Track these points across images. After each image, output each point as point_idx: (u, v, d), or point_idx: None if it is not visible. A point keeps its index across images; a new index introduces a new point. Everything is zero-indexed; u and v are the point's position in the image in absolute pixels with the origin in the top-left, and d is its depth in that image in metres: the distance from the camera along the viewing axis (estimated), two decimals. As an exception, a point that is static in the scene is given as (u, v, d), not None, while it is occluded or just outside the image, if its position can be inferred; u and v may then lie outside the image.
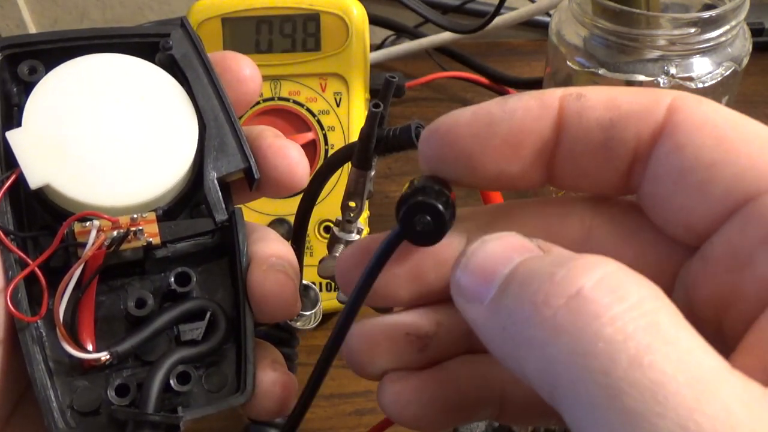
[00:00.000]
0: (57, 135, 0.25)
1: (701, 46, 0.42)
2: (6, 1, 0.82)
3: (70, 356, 0.24)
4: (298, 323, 0.39)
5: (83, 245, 0.24)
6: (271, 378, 0.26)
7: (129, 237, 0.24)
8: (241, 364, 0.25)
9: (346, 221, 0.33)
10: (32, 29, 0.84)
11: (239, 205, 0.27)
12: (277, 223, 0.49)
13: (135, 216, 0.24)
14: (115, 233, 0.24)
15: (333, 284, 0.50)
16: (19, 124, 0.25)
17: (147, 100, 0.26)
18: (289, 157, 0.27)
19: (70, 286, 0.23)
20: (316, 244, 0.49)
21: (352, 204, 0.32)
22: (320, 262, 0.34)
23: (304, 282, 0.39)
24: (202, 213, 0.26)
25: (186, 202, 0.26)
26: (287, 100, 0.48)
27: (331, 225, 0.35)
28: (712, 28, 0.41)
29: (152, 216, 0.25)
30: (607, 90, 0.20)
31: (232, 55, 0.27)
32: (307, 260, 0.37)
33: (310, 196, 0.33)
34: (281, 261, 0.26)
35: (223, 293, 0.26)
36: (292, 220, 0.35)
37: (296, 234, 0.35)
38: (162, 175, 0.25)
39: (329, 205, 0.47)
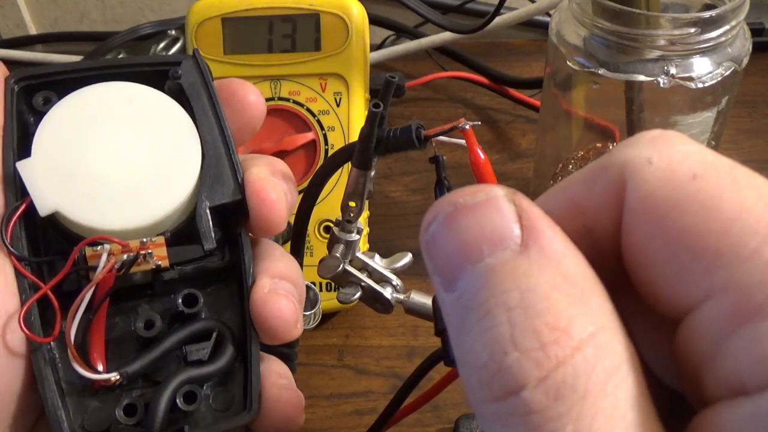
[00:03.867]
0: (65, 162, 0.25)
1: (701, 46, 0.42)
2: (6, 1, 0.82)
3: (81, 377, 0.24)
4: (298, 323, 0.39)
5: (94, 268, 0.24)
6: (277, 395, 0.26)
7: (138, 260, 0.25)
8: (248, 383, 0.26)
9: (346, 221, 0.33)
10: (32, 29, 0.85)
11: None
12: (277, 223, 0.49)
13: (144, 240, 0.25)
14: (125, 257, 0.25)
15: (333, 284, 0.50)
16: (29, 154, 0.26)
17: (153, 126, 0.26)
18: (268, 199, 0.27)
19: (82, 308, 0.24)
20: (316, 244, 0.49)
21: (352, 204, 0.32)
22: (320, 262, 0.34)
23: (304, 282, 0.39)
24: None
25: (193, 226, 0.27)
26: (287, 100, 0.48)
27: (331, 225, 0.35)
28: (712, 28, 0.41)
29: (161, 240, 0.25)
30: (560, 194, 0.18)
31: (239, 82, 0.28)
32: (307, 260, 0.37)
33: (310, 196, 0.33)
34: (284, 283, 0.27)
35: (230, 314, 0.27)
36: (292, 220, 0.35)
37: (296, 234, 0.35)
38: (165, 199, 0.26)
39: (329, 205, 0.47)
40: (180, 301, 0.26)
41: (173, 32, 0.66)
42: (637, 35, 0.42)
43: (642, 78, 0.42)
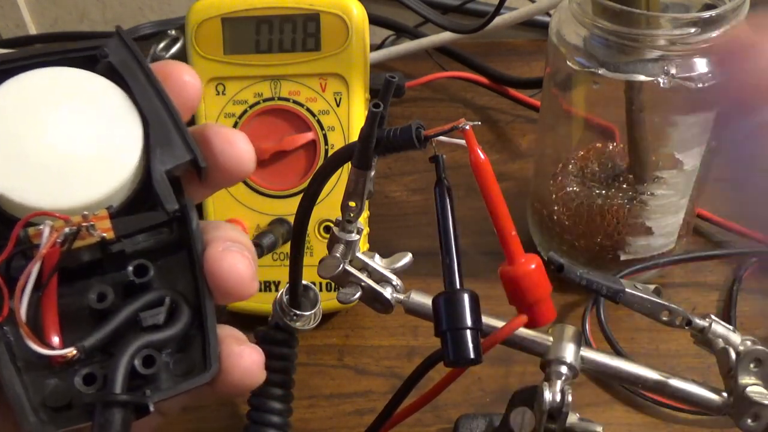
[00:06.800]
0: (4, 148, 0.25)
1: (701, 46, 0.42)
2: (6, 1, 0.82)
3: (39, 355, 0.24)
4: (297, 323, 0.39)
5: (39, 247, 0.24)
6: (236, 352, 0.26)
7: (82, 233, 0.25)
8: (206, 345, 0.26)
9: (346, 221, 0.33)
10: (32, 29, 0.85)
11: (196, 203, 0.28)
12: (277, 223, 0.49)
13: (86, 213, 0.25)
14: (67, 230, 0.25)
15: (333, 284, 0.50)
16: None
17: (89, 104, 0.26)
18: (235, 143, 0.27)
19: (29, 284, 0.24)
20: (316, 244, 0.49)
21: (352, 204, 0.32)
22: (320, 262, 0.34)
23: (304, 282, 0.39)
24: (156, 210, 0.27)
25: (140, 202, 0.27)
26: (287, 100, 0.48)
27: (331, 225, 0.35)
28: (712, 28, 0.41)
29: (104, 212, 0.25)
30: None
31: (173, 63, 0.28)
32: (307, 260, 0.37)
33: (310, 196, 0.33)
34: (237, 243, 0.27)
35: (183, 284, 0.27)
36: (292, 220, 0.35)
37: (296, 234, 0.35)
38: (109, 173, 0.26)
39: (329, 205, 0.47)
40: (130, 269, 0.26)
41: (173, 32, 0.66)
42: (637, 35, 0.42)
43: (642, 78, 0.42)
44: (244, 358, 0.26)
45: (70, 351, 0.24)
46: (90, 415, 0.24)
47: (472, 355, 0.27)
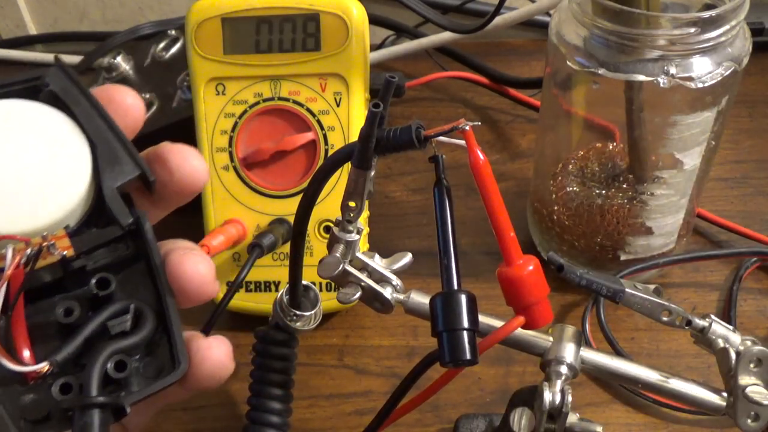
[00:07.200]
0: None
1: (701, 46, 0.42)
2: (6, 1, 0.82)
3: (14, 372, 0.25)
4: (298, 324, 0.39)
5: (2, 270, 0.25)
6: (204, 345, 0.27)
7: (43, 253, 0.26)
8: (172, 345, 0.27)
9: (346, 221, 0.33)
10: (32, 29, 0.85)
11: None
12: (277, 223, 0.49)
13: (45, 234, 0.26)
14: (29, 251, 0.26)
15: (333, 284, 0.50)
16: None
17: (37, 133, 0.27)
18: (189, 158, 0.28)
19: None
20: (316, 244, 0.49)
21: (352, 204, 0.32)
22: (320, 262, 0.34)
23: (304, 282, 0.39)
24: (112, 226, 0.28)
25: (96, 219, 0.28)
26: (287, 100, 0.48)
27: (331, 225, 0.35)
28: (712, 28, 0.41)
29: (62, 232, 0.26)
30: None
31: (115, 87, 0.29)
32: (307, 260, 0.37)
33: (310, 196, 0.33)
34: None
35: (145, 292, 0.28)
36: (292, 220, 0.35)
37: (296, 234, 0.35)
38: (63, 195, 0.27)
39: (329, 205, 0.47)
40: (93, 282, 0.27)
41: (173, 32, 0.66)
42: (637, 35, 0.42)
43: (642, 78, 0.42)
44: (213, 350, 0.27)
45: (44, 366, 0.25)
46: (69, 421, 0.25)
47: (467, 356, 0.27)
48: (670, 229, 0.50)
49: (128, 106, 0.29)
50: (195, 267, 0.27)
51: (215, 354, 0.27)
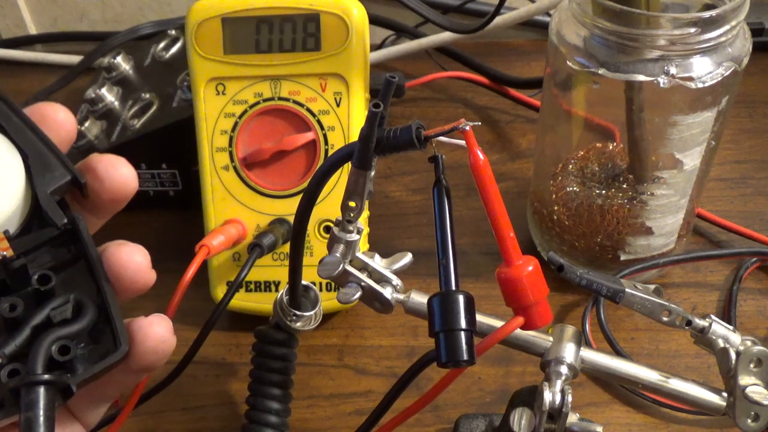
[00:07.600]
0: None
1: (701, 46, 0.42)
2: (6, 1, 0.82)
3: None
4: (298, 324, 0.39)
5: None
6: (145, 323, 0.28)
7: None
8: (113, 328, 0.28)
9: (346, 221, 0.33)
10: (32, 29, 0.85)
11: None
12: (277, 223, 0.49)
13: None
14: None
15: (333, 284, 0.50)
16: None
17: None
18: (117, 166, 0.29)
19: None
20: (316, 244, 0.49)
21: (352, 204, 0.32)
22: (320, 262, 0.34)
23: (304, 282, 0.39)
24: (48, 227, 0.30)
25: (35, 224, 0.29)
26: (287, 100, 0.48)
27: (331, 225, 0.35)
28: (712, 28, 0.41)
29: (1, 236, 0.28)
30: None
31: (46, 105, 0.30)
32: (307, 260, 0.37)
33: (310, 196, 0.33)
34: (133, 243, 0.29)
35: (86, 287, 0.29)
36: (292, 220, 0.35)
37: (296, 234, 0.35)
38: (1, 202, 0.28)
39: (329, 205, 0.47)
40: (35, 279, 0.28)
41: (173, 32, 0.66)
42: (637, 35, 0.42)
43: (642, 78, 0.42)
44: (154, 327, 0.28)
45: None
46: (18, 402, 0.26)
47: (464, 357, 0.27)
48: (670, 229, 0.50)
49: (61, 122, 0.30)
50: (130, 255, 0.29)
51: (156, 330, 0.28)
